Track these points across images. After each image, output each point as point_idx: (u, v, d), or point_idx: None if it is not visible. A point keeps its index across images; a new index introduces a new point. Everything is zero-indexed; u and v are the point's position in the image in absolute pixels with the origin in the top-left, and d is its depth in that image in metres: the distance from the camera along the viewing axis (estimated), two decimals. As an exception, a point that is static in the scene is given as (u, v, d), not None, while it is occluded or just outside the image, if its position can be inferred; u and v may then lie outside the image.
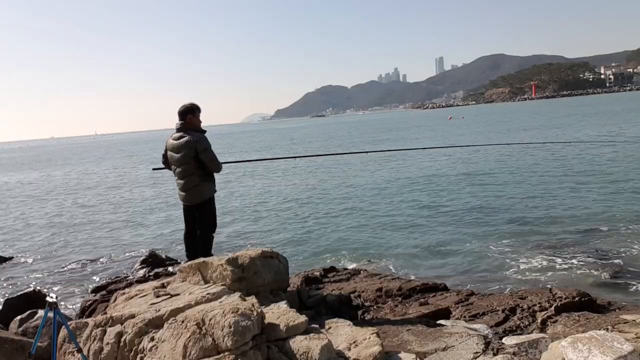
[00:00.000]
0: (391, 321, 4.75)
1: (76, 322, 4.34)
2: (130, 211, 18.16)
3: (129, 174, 33.96)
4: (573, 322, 4.60)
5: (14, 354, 5.11)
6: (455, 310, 5.47)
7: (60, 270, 10.86)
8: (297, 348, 3.21)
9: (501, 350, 3.52)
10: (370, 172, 23.62)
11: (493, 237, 10.33)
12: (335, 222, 13.35)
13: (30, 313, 6.29)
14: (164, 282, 5.08)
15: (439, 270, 8.76)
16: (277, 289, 4.78)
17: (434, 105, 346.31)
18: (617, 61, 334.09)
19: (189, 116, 5.32)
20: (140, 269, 9.85)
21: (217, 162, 5.36)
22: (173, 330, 3.42)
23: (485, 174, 19.51)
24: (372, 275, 7.52)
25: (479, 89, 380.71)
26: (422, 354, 3.55)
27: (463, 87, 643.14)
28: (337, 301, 5.43)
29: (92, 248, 12.81)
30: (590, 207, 12.14)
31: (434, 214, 13.12)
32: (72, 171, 41.49)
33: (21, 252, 12.98)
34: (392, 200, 15.82)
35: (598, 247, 9.05)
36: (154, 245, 12.25)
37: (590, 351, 2.82)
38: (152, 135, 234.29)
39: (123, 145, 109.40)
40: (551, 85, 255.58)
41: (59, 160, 63.44)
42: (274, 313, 3.63)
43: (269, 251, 4.85)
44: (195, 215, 5.49)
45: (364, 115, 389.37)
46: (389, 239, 11.15)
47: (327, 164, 28.68)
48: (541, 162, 21.40)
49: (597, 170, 17.67)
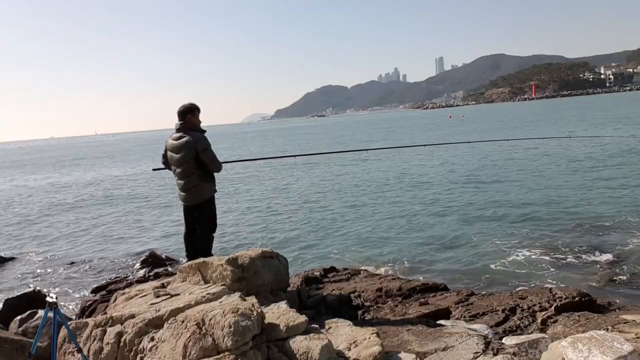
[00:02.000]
0: (391, 321, 4.75)
1: (76, 322, 4.34)
2: (131, 211, 18.16)
3: (129, 174, 33.96)
4: (573, 322, 4.59)
5: (14, 354, 5.11)
6: (455, 310, 5.47)
7: (60, 270, 10.86)
8: (297, 348, 3.21)
9: (501, 350, 3.52)
10: (370, 171, 23.62)
11: (493, 237, 10.33)
12: (335, 221, 13.35)
13: (30, 313, 6.28)
14: (164, 282, 5.08)
15: (439, 270, 8.76)
16: (277, 289, 4.78)
17: (434, 105, 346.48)
18: (617, 61, 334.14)
19: (188, 116, 5.32)
20: (140, 269, 9.86)
21: (217, 162, 5.36)
22: (173, 330, 3.42)
23: (484, 173, 19.51)
24: (372, 275, 7.53)
25: (479, 89, 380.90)
26: (422, 354, 3.55)
27: (463, 87, 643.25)
28: (337, 301, 5.43)
29: (92, 248, 12.80)
30: (591, 207, 12.14)
31: (434, 214, 13.11)
32: (73, 171, 41.49)
33: (21, 252, 12.98)
34: (392, 200, 15.81)
35: (598, 247, 9.04)
36: (154, 245, 12.25)
37: (590, 351, 2.82)
38: (152, 135, 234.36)
39: (123, 145, 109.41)
40: (551, 85, 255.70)
41: (67, 160, 63.41)
42: (274, 313, 3.63)
43: (269, 251, 4.85)
44: (195, 215, 5.48)
45: (364, 115, 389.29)
46: (389, 238, 11.15)
47: (327, 164, 28.69)
48: (540, 162, 21.39)
49: (597, 170, 17.67)
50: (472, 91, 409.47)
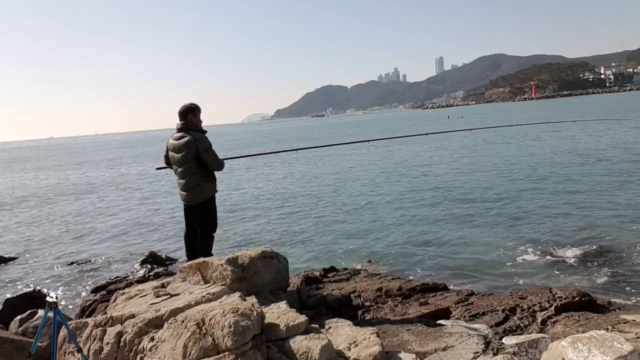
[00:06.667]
0: (391, 321, 4.75)
1: (76, 322, 4.34)
2: (131, 211, 18.15)
3: (129, 174, 33.96)
4: (573, 322, 4.59)
5: (14, 354, 5.11)
6: (455, 310, 5.46)
7: (60, 270, 10.86)
8: (297, 348, 3.21)
9: (501, 350, 3.52)
10: (370, 171, 23.61)
11: (493, 237, 10.33)
12: (336, 221, 13.35)
13: (30, 313, 6.28)
14: (164, 282, 5.07)
15: (439, 270, 8.76)
16: (277, 289, 4.77)
17: (434, 105, 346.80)
18: (617, 61, 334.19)
19: (189, 116, 5.33)
20: (140, 269, 9.87)
21: (218, 161, 5.37)
22: (173, 330, 3.42)
23: (485, 173, 19.51)
24: (372, 275, 7.52)
25: (479, 89, 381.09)
26: (422, 354, 3.55)
27: (463, 87, 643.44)
28: (337, 301, 5.43)
29: (93, 248, 12.80)
30: (591, 207, 12.14)
31: (434, 214, 13.11)
32: (72, 171, 41.49)
33: (22, 252, 12.98)
34: (392, 199, 15.81)
35: (598, 246, 9.04)
36: (154, 245, 12.25)
37: (590, 351, 2.82)
38: (152, 135, 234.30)
39: (123, 145, 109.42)
40: (551, 85, 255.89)
41: (67, 160, 63.39)
42: (274, 313, 3.63)
43: (269, 251, 4.84)
44: (196, 215, 5.49)
45: (364, 115, 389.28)
46: (389, 238, 11.14)
47: (326, 163, 28.69)
48: (539, 161, 21.39)
49: (598, 169, 17.67)
50: (472, 91, 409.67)
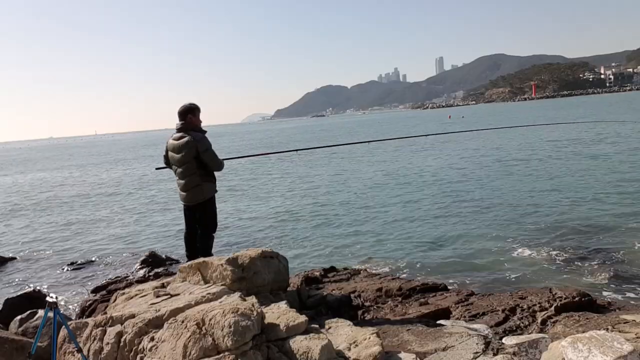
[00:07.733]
0: (391, 321, 4.75)
1: (76, 322, 4.34)
2: (131, 211, 18.16)
3: (129, 174, 33.96)
4: (573, 322, 4.59)
5: (13, 354, 5.11)
6: (455, 310, 5.46)
7: (60, 270, 10.86)
8: (297, 348, 3.21)
9: (501, 350, 3.52)
10: (370, 171, 23.61)
11: (493, 237, 10.33)
12: (336, 221, 13.35)
13: (30, 313, 6.28)
14: (164, 282, 5.07)
15: (439, 270, 8.76)
16: (277, 289, 4.77)
17: (434, 105, 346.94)
18: (617, 61, 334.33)
19: (189, 116, 5.32)
20: (140, 269, 9.87)
21: (218, 161, 5.37)
22: (173, 330, 3.42)
23: (485, 173, 19.51)
24: (372, 275, 7.53)
25: (479, 89, 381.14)
26: (422, 354, 3.55)
27: (463, 87, 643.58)
28: (337, 301, 5.43)
29: (92, 248, 12.81)
30: (591, 207, 12.14)
31: (434, 214, 13.11)
32: (72, 171, 41.49)
33: (22, 252, 12.98)
34: (392, 199, 15.81)
35: (598, 247, 9.04)
36: (154, 245, 12.25)
37: (590, 351, 2.82)
38: (152, 135, 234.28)
39: (123, 145, 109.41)
40: (551, 85, 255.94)
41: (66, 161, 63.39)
42: (274, 313, 3.63)
43: (269, 251, 4.84)
44: (195, 215, 5.49)
45: (364, 115, 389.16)
46: (389, 238, 11.15)
47: (326, 163, 28.69)
48: (538, 161, 21.39)
49: (598, 169, 17.67)
50: (472, 91, 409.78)
